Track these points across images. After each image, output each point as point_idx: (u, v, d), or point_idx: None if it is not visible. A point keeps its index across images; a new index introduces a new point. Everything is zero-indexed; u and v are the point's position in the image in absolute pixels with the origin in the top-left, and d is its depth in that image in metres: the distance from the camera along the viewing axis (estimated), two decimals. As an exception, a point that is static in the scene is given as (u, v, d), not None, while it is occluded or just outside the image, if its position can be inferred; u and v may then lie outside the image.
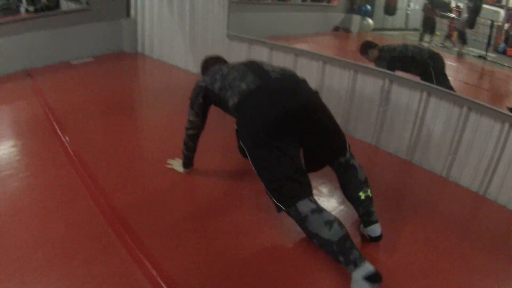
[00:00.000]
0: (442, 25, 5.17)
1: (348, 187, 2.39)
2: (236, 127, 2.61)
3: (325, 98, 3.74)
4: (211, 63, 2.97)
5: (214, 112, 2.90)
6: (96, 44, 7.34)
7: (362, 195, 2.33)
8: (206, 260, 2.28)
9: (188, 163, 3.08)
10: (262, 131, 2.17)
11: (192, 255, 2.33)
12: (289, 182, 2.13)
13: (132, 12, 7.40)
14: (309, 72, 4.25)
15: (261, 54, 4.75)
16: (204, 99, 2.72)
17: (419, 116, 3.48)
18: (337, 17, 6.35)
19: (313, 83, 3.66)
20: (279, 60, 4.54)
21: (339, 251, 1.98)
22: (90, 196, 2.92)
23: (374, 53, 4.07)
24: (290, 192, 2.12)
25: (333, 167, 2.42)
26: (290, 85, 2.33)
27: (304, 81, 2.41)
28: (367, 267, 1.94)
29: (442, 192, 3.31)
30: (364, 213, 2.35)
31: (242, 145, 2.31)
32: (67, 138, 3.85)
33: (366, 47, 4.15)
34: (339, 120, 3.33)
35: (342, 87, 4.01)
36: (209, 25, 5.56)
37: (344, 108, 4.05)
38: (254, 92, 2.28)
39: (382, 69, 3.65)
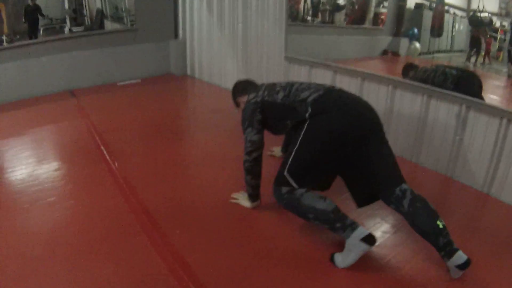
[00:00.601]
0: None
1: (421, 218, 2.15)
2: (309, 107, 2.37)
3: (394, 124, 3.73)
4: (248, 84, 2.99)
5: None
6: (143, 65, 7.14)
7: (439, 224, 2.11)
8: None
9: (255, 194, 2.77)
10: (339, 121, 2.25)
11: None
12: (316, 176, 2.32)
13: (180, 33, 7.17)
14: (377, 97, 3.87)
15: (323, 78, 4.37)
16: (262, 114, 2.65)
17: (498, 146, 3.08)
18: (385, 40, 6.12)
19: (381, 109, 3.68)
20: (344, 85, 4.14)
21: (335, 218, 2.14)
22: (145, 234, 2.53)
23: (412, 74, 3.97)
24: (310, 180, 2.29)
25: (391, 199, 2.25)
26: (364, 101, 2.45)
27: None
28: (363, 230, 2.12)
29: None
30: (446, 243, 2.10)
31: (309, 118, 2.32)
32: (116, 164, 3.53)
33: (407, 69, 4.08)
34: (409, 147, 3.60)
35: (414, 113, 3.67)
36: (265, 46, 5.23)
37: (416, 136, 3.68)
38: (341, 90, 2.47)
39: (457, 94, 3.32)
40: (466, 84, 3.70)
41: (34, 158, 3.76)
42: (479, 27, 4.59)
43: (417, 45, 5.66)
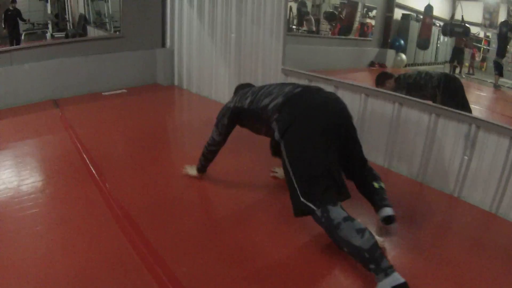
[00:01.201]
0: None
1: (364, 182, 2.48)
2: (275, 124, 2.48)
3: (399, 142, 3.67)
4: (241, 87, 3.18)
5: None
6: (129, 74, 6.89)
7: (375, 184, 2.44)
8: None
9: (202, 169, 3.32)
10: (313, 124, 2.31)
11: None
12: (326, 180, 2.20)
13: (168, 41, 6.94)
14: (382, 115, 3.73)
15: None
16: (230, 120, 2.92)
17: (508, 166, 2.98)
18: (372, 51, 6.04)
19: (386, 128, 3.75)
20: (347, 101, 3.95)
21: (370, 259, 2.00)
22: (147, 269, 2.29)
23: (391, 83, 3.95)
24: (325, 191, 2.16)
25: (354, 179, 2.54)
26: (333, 95, 2.61)
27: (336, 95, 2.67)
28: (397, 277, 1.96)
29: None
30: (379, 199, 2.39)
31: (280, 140, 2.36)
32: (107, 185, 3.27)
33: (383, 78, 4.04)
34: (415, 167, 3.61)
35: (420, 132, 3.51)
36: (260, 58, 5.03)
37: (422, 156, 3.53)
38: (300, 93, 2.51)
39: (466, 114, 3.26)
40: (449, 82, 3.85)
41: (16, 178, 3.48)
42: (452, 36, 4.64)
43: (403, 56, 5.61)
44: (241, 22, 5.24)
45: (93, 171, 3.55)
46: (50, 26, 9.51)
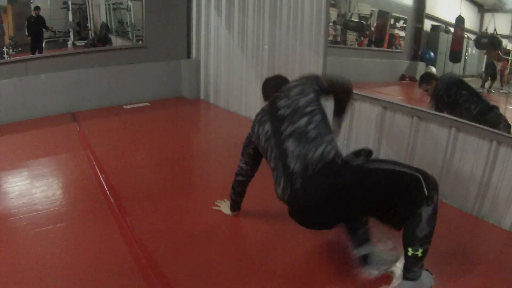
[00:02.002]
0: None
1: (404, 235, 2.04)
2: None
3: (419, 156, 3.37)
4: (270, 87, 2.65)
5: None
6: (153, 86, 6.51)
7: (409, 250, 2.01)
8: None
9: (235, 206, 2.90)
10: None
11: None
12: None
13: (194, 52, 6.53)
14: (436, 143, 3.28)
15: (370, 115, 3.76)
16: (255, 151, 2.51)
17: None
18: (403, 64, 5.70)
19: (440, 159, 3.25)
20: (396, 125, 3.54)
21: None
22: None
23: (432, 86, 3.67)
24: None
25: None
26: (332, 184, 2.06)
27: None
28: None
29: None
30: (404, 268, 2.08)
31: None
32: (127, 220, 2.84)
33: (428, 79, 3.77)
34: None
35: (439, 148, 3.24)
36: (296, 72, 4.53)
37: (441, 172, 3.22)
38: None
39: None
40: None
41: (27, 207, 3.09)
42: (485, 49, 4.35)
43: (433, 69, 5.21)
44: (275, 33, 4.79)
45: (112, 202, 3.14)
46: (71, 34, 9.46)
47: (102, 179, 3.55)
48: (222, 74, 5.99)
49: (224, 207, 2.98)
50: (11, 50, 7.97)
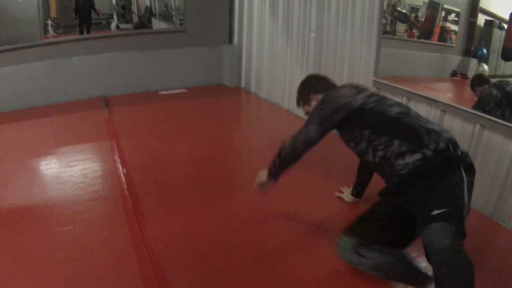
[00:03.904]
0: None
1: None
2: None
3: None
4: (324, 81, 2.57)
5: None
6: (191, 73, 6.15)
7: None
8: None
9: (275, 175, 2.45)
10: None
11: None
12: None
13: (236, 38, 6.13)
14: (499, 155, 2.76)
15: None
16: (348, 117, 2.16)
17: None
18: (454, 59, 5.38)
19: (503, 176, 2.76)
20: (456, 133, 3.03)
21: None
22: None
23: (480, 91, 3.32)
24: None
25: None
26: None
27: None
28: None
29: None
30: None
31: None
32: (143, 230, 2.46)
33: (475, 84, 3.45)
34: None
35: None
36: (345, 65, 4.09)
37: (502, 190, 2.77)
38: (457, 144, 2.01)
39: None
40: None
41: (40, 203, 2.85)
42: None
43: (485, 67, 4.94)
44: (323, 21, 4.32)
45: (130, 204, 2.76)
46: (115, 16, 9.50)
47: (123, 177, 3.20)
48: (265, 63, 5.56)
49: (261, 176, 2.53)
50: (53, 31, 7.98)
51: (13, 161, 3.60)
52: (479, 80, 3.52)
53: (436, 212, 1.75)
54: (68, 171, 3.37)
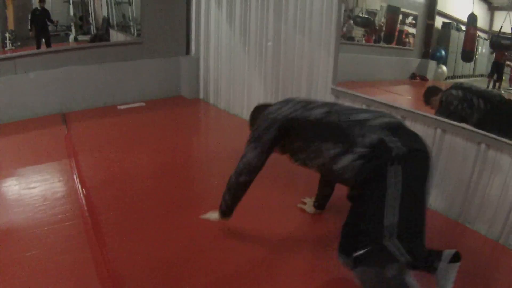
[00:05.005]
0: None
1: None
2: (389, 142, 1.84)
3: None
4: (260, 111, 2.44)
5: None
6: (149, 85, 6.09)
7: None
8: None
9: (228, 212, 2.45)
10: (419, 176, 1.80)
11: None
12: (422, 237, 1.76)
13: (193, 48, 6.09)
14: (464, 159, 2.85)
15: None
16: (279, 133, 2.16)
17: None
18: (413, 62, 5.52)
19: (466, 181, 2.81)
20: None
21: None
22: None
23: (437, 101, 3.36)
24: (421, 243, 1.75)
25: None
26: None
27: None
28: None
29: None
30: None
31: (396, 164, 1.75)
32: (104, 251, 2.43)
33: (428, 95, 3.45)
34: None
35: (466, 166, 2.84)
36: (304, 74, 4.11)
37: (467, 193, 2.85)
38: (397, 127, 1.95)
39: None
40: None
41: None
42: (500, 50, 4.20)
43: (444, 68, 5.13)
44: (280, 29, 4.34)
45: (91, 227, 2.71)
46: (73, 28, 9.18)
47: (82, 197, 3.14)
48: (222, 73, 5.55)
49: (211, 214, 2.54)
50: (10, 44, 7.77)
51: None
52: (432, 90, 3.58)
53: (355, 254, 1.74)
54: (28, 193, 3.27)
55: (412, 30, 5.25)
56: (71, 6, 9.19)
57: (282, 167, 2.85)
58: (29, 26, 7.70)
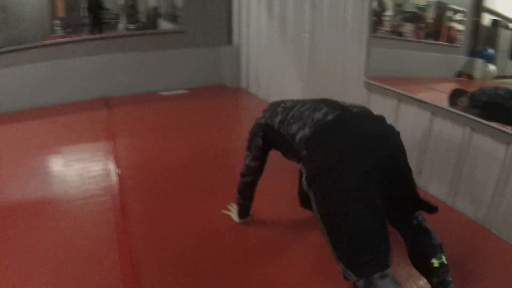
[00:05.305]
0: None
1: (418, 253, 1.87)
2: (301, 166, 1.84)
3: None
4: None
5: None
6: (192, 73, 6.21)
7: (435, 262, 1.81)
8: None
9: (242, 212, 2.62)
10: (346, 172, 1.66)
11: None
12: (367, 246, 1.59)
13: (235, 38, 6.16)
14: (491, 162, 2.69)
15: (416, 120, 3.28)
16: (264, 139, 2.29)
17: None
18: (460, 60, 5.25)
19: (492, 177, 2.65)
20: (445, 136, 3.04)
21: None
22: None
23: (464, 101, 3.24)
24: (365, 257, 1.58)
25: (401, 230, 1.93)
26: (378, 123, 1.92)
27: (384, 118, 1.96)
28: None
29: None
30: (439, 283, 1.79)
31: (308, 190, 1.75)
32: (127, 228, 2.55)
33: (453, 97, 3.35)
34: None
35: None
36: (338, 65, 4.08)
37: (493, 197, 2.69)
38: (333, 123, 1.85)
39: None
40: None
41: (28, 205, 2.90)
42: None
43: (493, 67, 4.85)
44: (317, 22, 4.32)
45: (119, 205, 2.87)
46: (123, 17, 9.42)
47: (115, 177, 3.28)
48: (262, 63, 5.58)
49: (233, 213, 2.69)
50: (61, 30, 8.07)
51: (12, 160, 3.71)
52: (458, 92, 3.50)
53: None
54: (65, 170, 3.48)
55: (461, 27, 5.10)
56: (120, -6, 9.52)
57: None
58: (85, 13, 8.02)
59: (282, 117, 2.11)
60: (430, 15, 5.19)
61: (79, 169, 3.47)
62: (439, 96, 4.13)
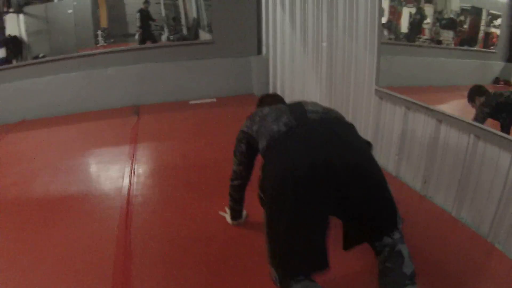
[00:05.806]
0: None
1: (388, 278, 1.74)
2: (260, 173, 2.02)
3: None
4: (264, 102, 2.71)
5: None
6: (221, 83, 6.39)
7: None
8: None
9: (234, 215, 2.73)
10: (287, 184, 1.67)
11: None
12: (294, 253, 1.66)
13: (264, 49, 6.29)
14: (496, 168, 2.59)
15: (423, 128, 3.27)
16: (248, 146, 2.31)
17: None
18: (497, 66, 5.03)
19: (498, 188, 2.53)
20: (451, 144, 2.99)
21: None
22: None
23: (480, 100, 3.23)
24: (290, 261, 1.67)
25: (374, 247, 1.80)
26: (332, 132, 1.84)
27: (352, 127, 1.97)
28: None
29: None
30: None
31: (261, 195, 2.01)
32: (128, 224, 2.73)
33: (473, 94, 3.34)
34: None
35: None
36: (352, 74, 4.12)
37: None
38: (284, 135, 1.88)
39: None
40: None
41: (56, 193, 3.13)
42: None
43: None
44: (333, 31, 4.37)
45: (125, 203, 3.05)
46: (165, 29, 9.89)
47: (128, 178, 3.47)
48: (287, 72, 5.67)
49: (228, 215, 2.78)
50: (103, 41, 8.44)
51: (41, 160, 4.05)
52: (479, 89, 3.45)
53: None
54: (86, 169, 3.76)
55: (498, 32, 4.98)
56: (162, 7, 10.00)
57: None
58: (139, 24, 8.44)
59: (257, 126, 2.13)
60: (467, 21, 5.14)
61: (98, 170, 3.70)
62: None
